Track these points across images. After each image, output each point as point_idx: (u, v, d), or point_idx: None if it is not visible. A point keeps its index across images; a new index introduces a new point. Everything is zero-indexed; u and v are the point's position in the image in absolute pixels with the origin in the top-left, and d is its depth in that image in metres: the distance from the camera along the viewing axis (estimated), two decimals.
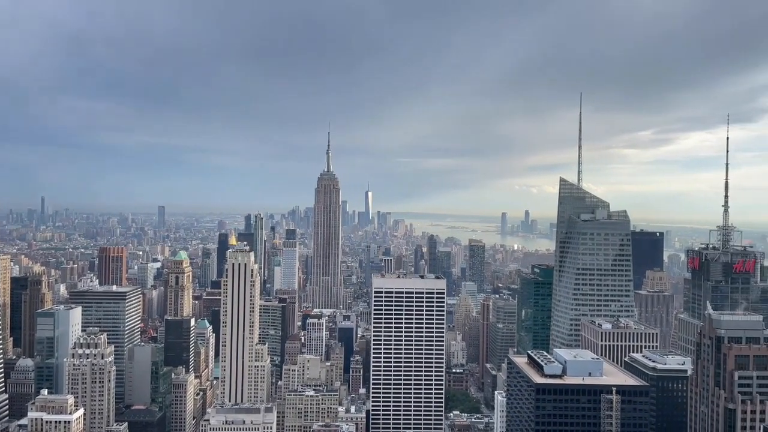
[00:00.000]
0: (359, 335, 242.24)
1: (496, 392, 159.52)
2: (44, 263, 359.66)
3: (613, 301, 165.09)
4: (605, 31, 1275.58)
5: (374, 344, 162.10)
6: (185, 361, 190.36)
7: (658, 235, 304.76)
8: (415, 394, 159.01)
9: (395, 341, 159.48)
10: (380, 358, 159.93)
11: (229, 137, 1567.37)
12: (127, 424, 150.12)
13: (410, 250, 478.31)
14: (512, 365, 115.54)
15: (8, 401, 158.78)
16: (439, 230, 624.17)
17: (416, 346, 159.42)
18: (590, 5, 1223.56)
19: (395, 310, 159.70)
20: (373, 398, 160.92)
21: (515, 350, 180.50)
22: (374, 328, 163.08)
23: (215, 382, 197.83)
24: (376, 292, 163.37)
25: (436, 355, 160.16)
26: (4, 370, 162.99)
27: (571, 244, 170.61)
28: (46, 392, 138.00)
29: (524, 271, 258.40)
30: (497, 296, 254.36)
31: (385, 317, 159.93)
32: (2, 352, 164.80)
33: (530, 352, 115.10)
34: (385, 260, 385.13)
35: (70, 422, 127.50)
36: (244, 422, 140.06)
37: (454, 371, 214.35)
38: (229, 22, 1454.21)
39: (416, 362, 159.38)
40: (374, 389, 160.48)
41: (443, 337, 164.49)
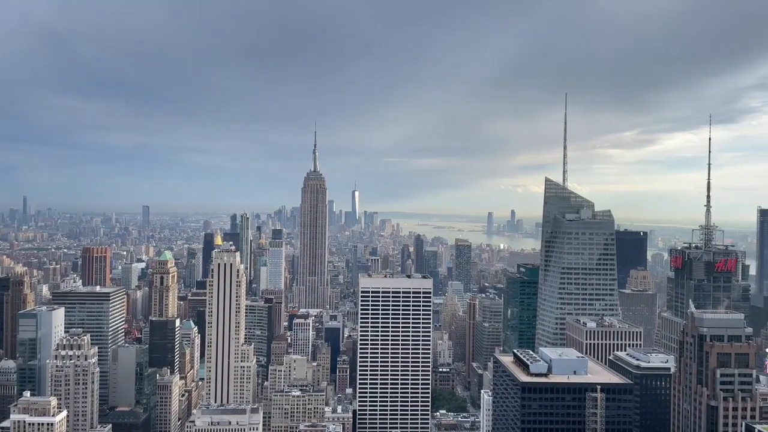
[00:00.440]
0: (346, 335, 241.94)
1: (482, 391, 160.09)
2: (26, 264, 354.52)
3: (597, 299, 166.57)
4: (591, 32, 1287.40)
5: (361, 344, 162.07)
6: (170, 362, 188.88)
7: (641, 234, 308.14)
8: (401, 393, 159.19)
9: (382, 341, 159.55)
10: (367, 357, 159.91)
11: (215, 137, 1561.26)
12: (111, 426, 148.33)
13: (397, 249, 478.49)
14: (498, 364, 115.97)
15: None
16: (425, 230, 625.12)
17: (403, 345, 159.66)
18: (576, 7, 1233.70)
19: (382, 309, 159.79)
20: (359, 398, 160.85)
21: (501, 349, 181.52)
22: (361, 327, 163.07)
23: (201, 383, 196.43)
24: (362, 291, 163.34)
25: (422, 354, 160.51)
26: None
27: (556, 243, 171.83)
28: (28, 394, 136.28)
29: (510, 270, 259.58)
30: (483, 296, 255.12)
31: (371, 317, 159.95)
32: None
33: (516, 351, 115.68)
34: (371, 260, 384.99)
35: (53, 424, 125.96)
36: (229, 423, 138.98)
37: (440, 370, 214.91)
38: (215, 22, 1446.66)
39: (403, 362, 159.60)
40: (361, 389, 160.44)
41: (430, 336, 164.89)
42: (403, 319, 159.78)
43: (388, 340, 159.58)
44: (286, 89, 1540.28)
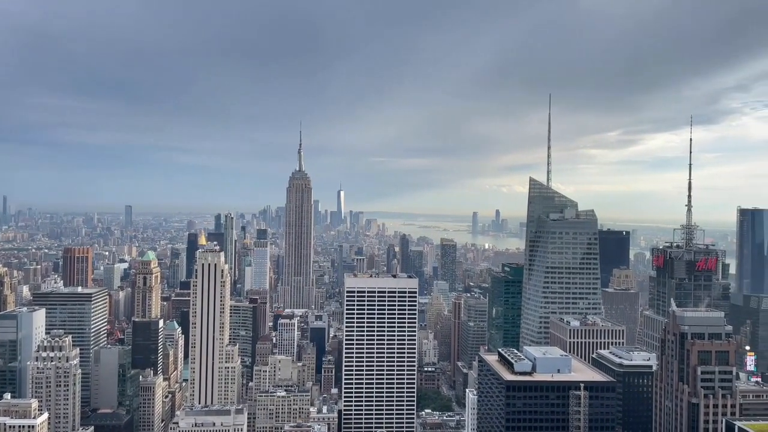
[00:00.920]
0: (331, 335, 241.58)
1: (467, 390, 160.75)
2: (6, 264, 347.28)
3: (581, 298, 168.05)
4: (575, 34, 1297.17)
5: (346, 344, 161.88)
6: (153, 363, 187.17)
7: (624, 233, 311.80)
8: (387, 393, 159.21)
9: (367, 341, 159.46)
10: (352, 357, 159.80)
11: (199, 136, 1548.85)
12: (93, 428, 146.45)
13: (382, 249, 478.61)
14: (483, 363, 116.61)
15: None
16: (411, 230, 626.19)
17: (388, 345, 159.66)
18: (559, 8, 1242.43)
19: (367, 309, 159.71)
20: (345, 398, 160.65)
21: (486, 348, 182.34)
22: (346, 327, 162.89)
23: (184, 384, 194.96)
24: (348, 291, 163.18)
25: (408, 353, 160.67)
26: None
27: (540, 243, 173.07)
28: (9, 396, 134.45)
29: (495, 269, 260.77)
30: (468, 295, 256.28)
31: (357, 317, 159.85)
32: None
33: (501, 349, 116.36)
34: (357, 260, 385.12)
35: (34, 427, 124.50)
36: (214, 424, 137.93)
37: (425, 370, 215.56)
38: (200, 22, 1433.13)
39: (388, 361, 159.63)
40: (346, 389, 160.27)
41: (415, 336, 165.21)
42: (388, 318, 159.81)
43: (373, 339, 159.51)
44: (271, 89, 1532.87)
